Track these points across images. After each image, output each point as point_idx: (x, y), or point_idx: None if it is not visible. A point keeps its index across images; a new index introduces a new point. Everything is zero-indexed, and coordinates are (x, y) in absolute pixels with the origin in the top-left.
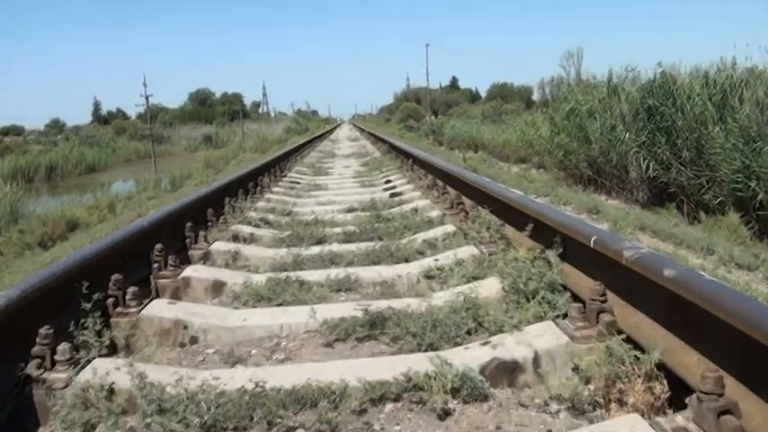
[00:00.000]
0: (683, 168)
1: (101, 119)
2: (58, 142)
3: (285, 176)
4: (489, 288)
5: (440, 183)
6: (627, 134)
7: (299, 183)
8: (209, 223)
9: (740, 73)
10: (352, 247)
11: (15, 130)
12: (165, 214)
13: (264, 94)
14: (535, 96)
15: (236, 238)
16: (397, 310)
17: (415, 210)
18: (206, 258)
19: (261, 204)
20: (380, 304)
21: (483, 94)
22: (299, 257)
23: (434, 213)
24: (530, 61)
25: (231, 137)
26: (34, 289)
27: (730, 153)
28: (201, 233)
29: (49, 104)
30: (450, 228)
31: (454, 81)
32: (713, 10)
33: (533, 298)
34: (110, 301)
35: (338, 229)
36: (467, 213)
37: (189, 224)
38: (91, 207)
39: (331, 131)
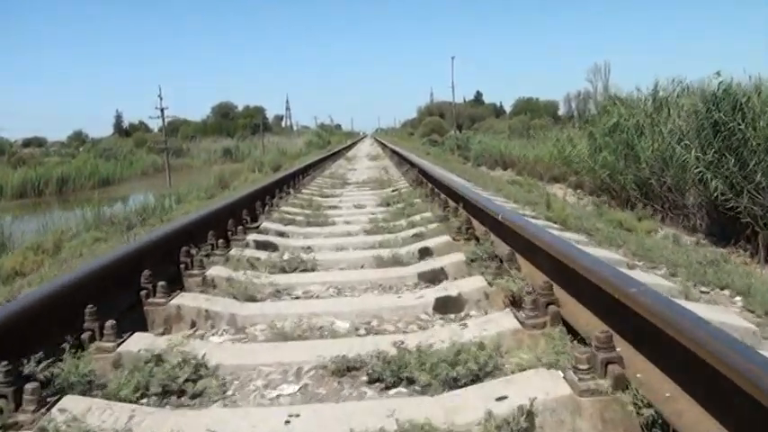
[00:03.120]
0: (757, 195)
1: (122, 131)
2: (76, 154)
3: (256, 227)
4: None
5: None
6: (693, 152)
7: (260, 258)
8: None
9: None
10: None
11: (37, 142)
12: None
13: (287, 108)
14: (561, 111)
15: None
16: None
17: (529, 412)
18: None
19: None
20: None
21: (507, 109)
22: None
23: None
24: (554, 76)
25: (252, 150)
26: None
27: None
28: None
29: (74, 118)
30: None
31: (478, 95)
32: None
33: None
34: None
35: None
36: None
37: None
38: (30, 248)
39: (349, 147)
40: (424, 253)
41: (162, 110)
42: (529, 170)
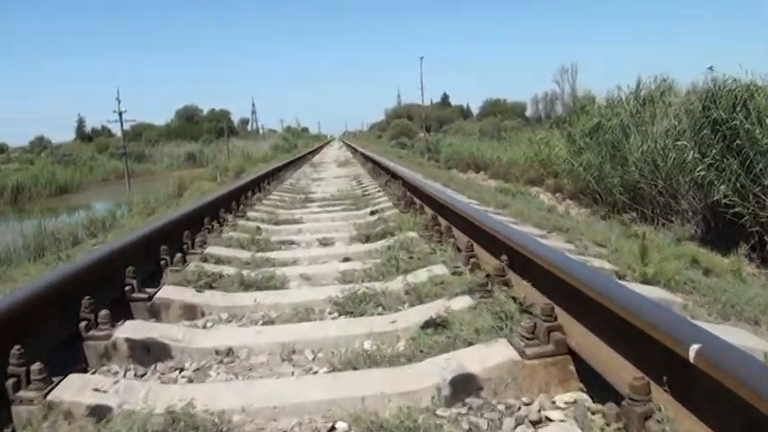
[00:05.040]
0: (764, 198)
1: (85, 136)
2: (34, 160)
3: (147, 299)
4: None
5: None
6: (691, 153)
7: (111, 411)
8: None
9: None
10: None
11: None
12: None
13: (254, 111)
14: (529, 112)
15: None
16: None
17: None
18: None
19: None
20: None
21: (474, 111)
22: None
23: None
24: (520, 77)
25: (217, 155)
26: None
27: None
28: None
29: (37, 123)
30: None
31: (445, 97)
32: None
33: None
34: None
35: None
36: None
37: None
38: None
39: (316, 151)
40: (464, 390)
41: (120, 113)
42: (503, 173)
